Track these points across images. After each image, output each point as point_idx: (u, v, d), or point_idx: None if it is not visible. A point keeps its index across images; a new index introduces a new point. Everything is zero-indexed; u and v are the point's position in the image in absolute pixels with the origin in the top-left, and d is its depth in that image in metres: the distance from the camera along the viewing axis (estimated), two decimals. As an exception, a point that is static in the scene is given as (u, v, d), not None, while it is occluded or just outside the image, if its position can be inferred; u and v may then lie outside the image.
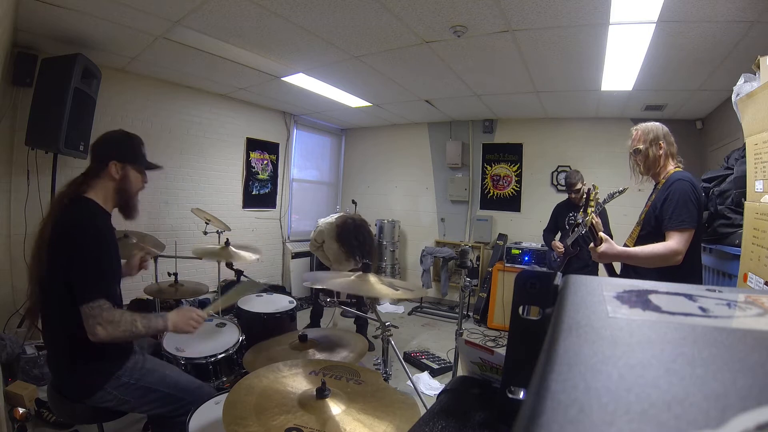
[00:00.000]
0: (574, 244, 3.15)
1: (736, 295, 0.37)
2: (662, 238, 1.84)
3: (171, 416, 1.57)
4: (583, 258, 3.16)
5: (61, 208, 1.49)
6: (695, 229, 1.78)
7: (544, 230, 3.78)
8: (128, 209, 1.65)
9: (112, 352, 1.52)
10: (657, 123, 1.99)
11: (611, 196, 2.71)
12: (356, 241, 3.33)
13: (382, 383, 1.31)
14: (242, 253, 2.77)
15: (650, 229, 1.91)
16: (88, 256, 1.41)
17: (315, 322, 3.92)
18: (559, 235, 3.61)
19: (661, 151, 1.93)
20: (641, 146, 1.95)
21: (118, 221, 1.68)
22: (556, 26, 2.57)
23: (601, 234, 1.92)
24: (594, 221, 1.97)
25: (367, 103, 4.92)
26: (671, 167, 1.95)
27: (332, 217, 3.59)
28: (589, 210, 1.99)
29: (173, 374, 1.65)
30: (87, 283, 1.38)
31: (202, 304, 4.11)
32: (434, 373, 3.28)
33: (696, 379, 0.21)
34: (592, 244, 1.96)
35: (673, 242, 1.78)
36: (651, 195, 2.01)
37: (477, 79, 3.84)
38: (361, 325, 3.78)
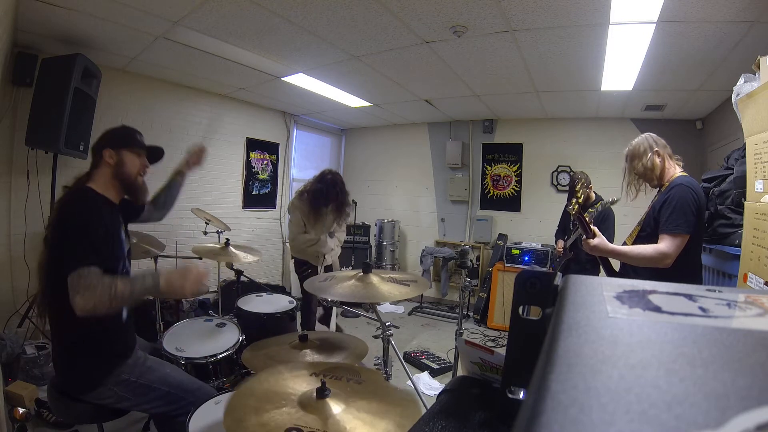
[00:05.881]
0: (572, 246, 3.14)
1: (736, 295, 0.37)
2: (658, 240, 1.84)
3: (172, 415, 1.57)
4: (580, 261, 3.15)
5: (61, 199, 1.55)
6: (690, 235, 1.78)
7: (556, 232, 3.84)
8: (132, 192, 1.67)
9: (114, 349, 1.53)
10: (641, 136, 2.02)
11: (603, 206, 2.71)
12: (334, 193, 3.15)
13: (383, 382, 1.31)
14: (242, 253, 2.77)
15: (650, 230, 1.92)
16: (75, 232, 1.39)
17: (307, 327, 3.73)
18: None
19: (659, 158, 1.94)
20: (640, 162, 1.96)
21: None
22: (556, 26, 2.57)
23: (594, 228, 1.93)
24: (580, 212, 1.96)
25: (367, 103, 4.92)
26: (674, 170, 1.95)
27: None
28: (573, 200, 1.98)
29: (174, 373, 1.65)
30: (71, 255, 1.34)
31: (202, 305, 4.12)
32: (434, 373, 3.28)
33: (696, 379, 0.21)
34: (584, 236, 1.96)
35: (663, 245, 1.79)
36: (654, 197, 2.02)
37: (477, 79, 3.84)
38: (326, 315, 3.61)
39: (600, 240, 1.91)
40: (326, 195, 3.14)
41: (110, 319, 1.48)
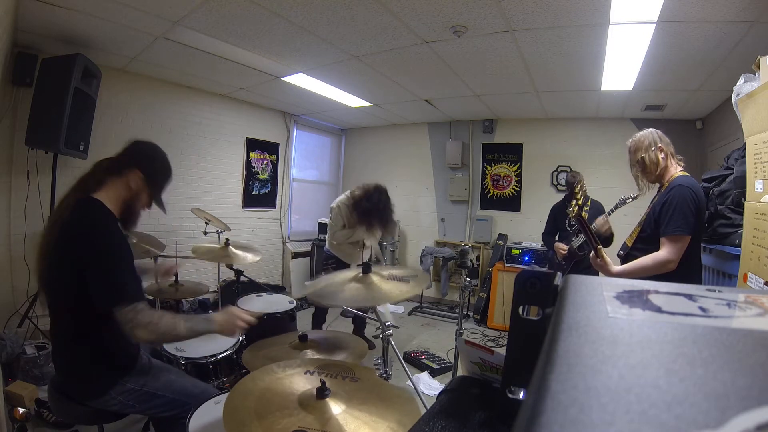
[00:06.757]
0: (580, 247, 3.13)
1: (736, 295, 0.37)
2: (659, 241, 1.85)
3: (174, 417, 1.56)
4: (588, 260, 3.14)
5: (70, 207, 1.43)
6: (690, 236, 1.79)
7: (543, 233, 3.70)
8: (127, 222, 1.59)
9: (118, 360, 1.51)
10: (647, 129, 2.01)
11: (623, 202, 2.72)
12: (380, 205, 3.32)
13: (378, 379, 1.30)
14: (242, 253, 2.77)
15: (650, 231, 1.92)
16: (111, 260, 1.37)
17: (317, 326, 3.85)
18: (557, 236, 3.58)
19: (662, 155, 1.93)
20: (642, 155, 1.96)
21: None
22: (556, 26, 2.57)
23: (601, 249, 1.94)
24: (580, 215, 1.97)
25: (367, 103, 4.92)
26: (675, 170, 1.95)
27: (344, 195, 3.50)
28: (573, 202, 1.98)
29: (178, 379, 1.64)
30: (117, 288, 1.35)
31: (202, 305, 4.12)
32: (434, 373, 3.28)
33: (696, 379, 0.21)
34: (592, 253, 1.97)
35: (663, 252, 1.80)
36: (654, 197, 2.02)
37: (477, 79, 3.84)
38: (359, 326, 3.75)
39: (603, 262, 1.93)
40: (371, 214, 3.32)
41: (114, 331, 1.45)
